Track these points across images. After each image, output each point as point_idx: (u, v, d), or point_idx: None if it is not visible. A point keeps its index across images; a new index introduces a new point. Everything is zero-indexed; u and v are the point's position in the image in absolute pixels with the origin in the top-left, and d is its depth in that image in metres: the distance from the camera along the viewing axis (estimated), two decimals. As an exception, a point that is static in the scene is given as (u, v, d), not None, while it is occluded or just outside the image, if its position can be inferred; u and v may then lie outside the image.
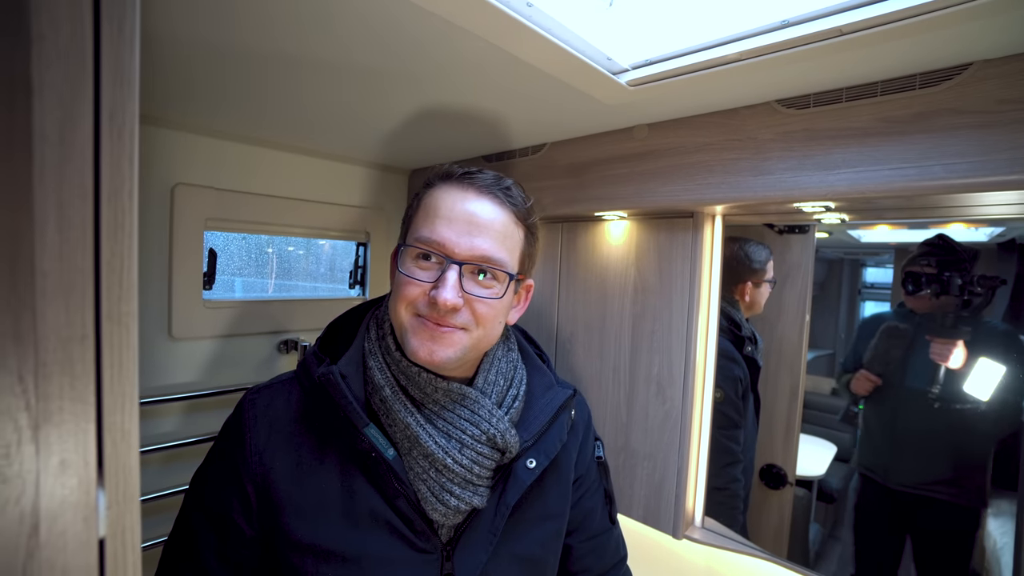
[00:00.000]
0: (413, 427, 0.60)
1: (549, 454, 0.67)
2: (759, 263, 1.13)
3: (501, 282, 0.63)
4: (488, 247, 0.61)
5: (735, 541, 0.97)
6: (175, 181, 1.02)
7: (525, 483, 0.64)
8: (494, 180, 0.65)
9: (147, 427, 1.03)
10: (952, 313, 0.95)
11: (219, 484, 0.63)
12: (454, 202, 0.62)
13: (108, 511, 0.28)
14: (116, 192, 0.27)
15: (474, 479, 0.61)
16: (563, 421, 0.70)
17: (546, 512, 0.71)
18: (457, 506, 0.60)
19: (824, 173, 0.72)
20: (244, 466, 0.61)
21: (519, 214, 0.65)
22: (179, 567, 0.63)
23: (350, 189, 1.32)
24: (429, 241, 0.61)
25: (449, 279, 0.59)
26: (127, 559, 0.29)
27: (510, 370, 0.70)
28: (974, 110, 0.61)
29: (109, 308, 0.27)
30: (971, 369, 0.92)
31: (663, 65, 0.65)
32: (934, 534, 1.02)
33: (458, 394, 0.63)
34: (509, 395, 0.68)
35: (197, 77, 0.77)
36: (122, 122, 0.26)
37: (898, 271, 1.07)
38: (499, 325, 0.66)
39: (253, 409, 0.65)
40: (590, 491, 0.79)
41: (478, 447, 0.61)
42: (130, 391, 0.29)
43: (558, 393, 0.71)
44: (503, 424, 0.63)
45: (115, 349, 0.28)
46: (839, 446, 1.18)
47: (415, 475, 0.61)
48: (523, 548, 0.68)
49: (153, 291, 1.02)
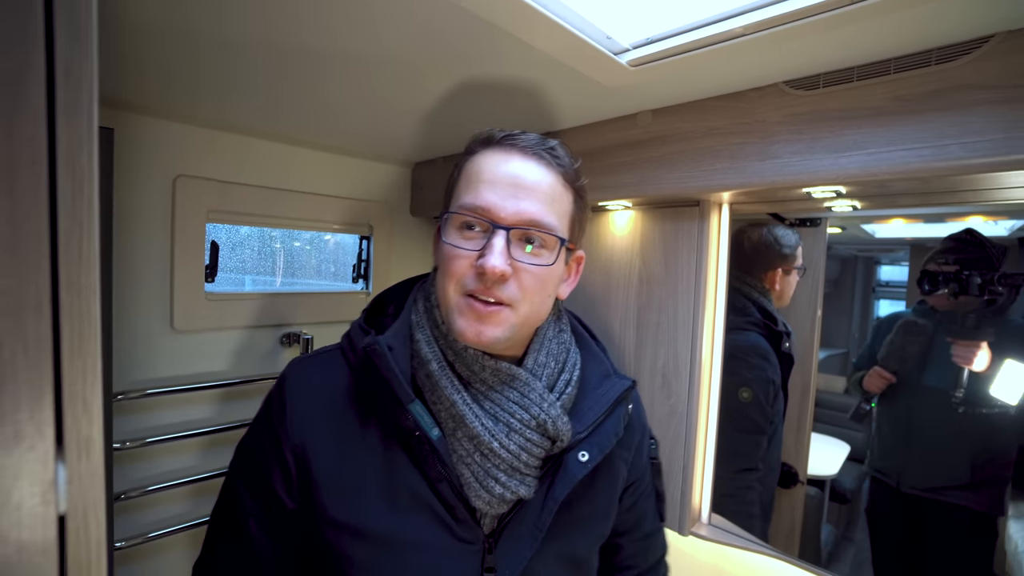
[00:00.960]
0: (459, 405, 0.57)
1: (604, 448, 0.62)
2: (789, 248, 1.07)
3: (551, 249, 0.59)
4: (536, 210, 0.57)
5: (742, 538, 0.94)
6: (177, 173, 1.02)
7: (576, 477, 0.60)
8: (538, 140, 0.61)
9: (149, 419, 1.03)
10: (975, 313, 0.91)
11: (261, 454, 0.61)
12: (497, 165, 0.59)
13: (69, 486, 0.27)
14: (74, 157, 0.26)
15: (521, 467, 0.58)
16: (620, 414, 0.65)
17: (594, 512, 0.67)
18: (502, 495, 0.57)
19: (834, 156, 0.69)
20: (285, 436, 0.59)
21: (567, 175, 0.61)
22: (223, 534, 0.62)
23: (353, 182, 1.32)
24: (473, 207, 0.57)
25: (496, 245, 0.55)
26: (90, 537, 0.28)
27: (562, 352, 0.65)
28: (996, 85, 0.57)
29: (68, 278, 0.26)
30: (997, 371, 0.87)
31: (665, 43, 0.63)
32: (949, 541, 0.98)
33: (507, 374, 0.59)
34: (561, 379, 0.63)
35: (199, 68, 0.77)
36: (79, 80, 0.25)
37: (914, 269, 1.03)
38: (549, 299, 0.62)
39: (297, 378, 0.62)
40: (644, 494, 0.76)
41: (527, 432, 0.58)
42: (92, 363, 0.28)
43: (616, 383, 0.66)
44: (555, 410, 0.59)
45: (75, 320, 0.27)
46: (852, 446, 1.14)
47: (459, 458, 0.57)
48: (570, 548, 0.64)
49: (155, 283, 1.02)
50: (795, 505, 1.09)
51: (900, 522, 1.04)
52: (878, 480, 1.08)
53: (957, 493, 0.96)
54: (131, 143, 0.97)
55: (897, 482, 1.04)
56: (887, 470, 1.07)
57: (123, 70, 0.79)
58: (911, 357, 1.04)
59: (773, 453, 1.08)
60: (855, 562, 1.14)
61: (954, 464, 0.96)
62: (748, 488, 1.05)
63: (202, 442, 1.10)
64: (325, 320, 1.29)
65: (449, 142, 1.17)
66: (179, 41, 0.67)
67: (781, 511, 1.09)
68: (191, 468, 1.08)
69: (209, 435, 1.09)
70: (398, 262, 1.44)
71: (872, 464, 1.10)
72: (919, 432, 1.02)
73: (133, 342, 1.00)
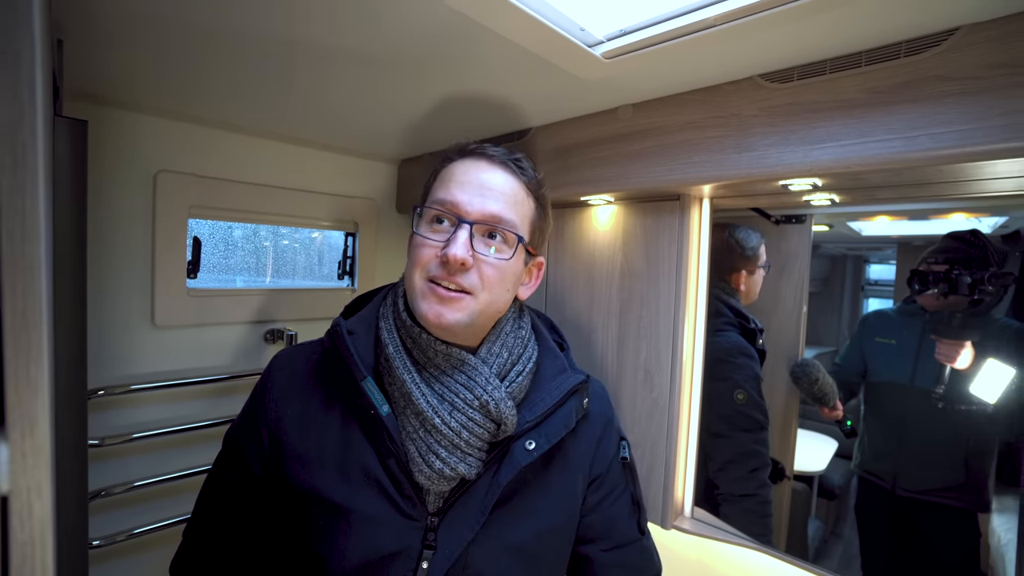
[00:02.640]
0: (408, 384, 0.62)
1: (551, 438, 0.65)
2: (751, 249, 1.10)
3: (510, 245, 0.66)
4: (498, 209, 0.64)
5: (726, 531, 0.94)
6: (158, 168, 1.02)
7: (520, 463, 0.63)
8: (505, 153, 0.69)
9: (130, 415, 1.02)
10: (960, 312, 0.91)
11: (243, 426, 0.70)
12: (467, 170, 0.66)
13: (11, 464, 0.27)
14: (13, 124, 0.25)
15: (462, 444, 0.61)
16: (571, 407, 0.68)
17: (547, 504, 0.68)
18: (441, 470, 0.60)
19: (808, 148, 0.69)
20: (263, 412, 0.67)
21: (529, 184, 0.69)
22: (207, 490, 0.72)
23: (338, 179, 1.32)
24: (443, 202, 0.64)
25: (460, 237, 0.61)
26: (33, 516, 0.28)
27: (518, 346, 0.69)
28: (962, 76, 0.58)
29: (11, 251, 0.26)
30: (978, 370, 0.88)
31: (638, 35, 0.63)
32: (939, 540, 0.98)
33: (458, 359, 0.64)
34: (514, 370, 0.68)
35: (181, 61, 0.76)
36: (18, 49, 0.25)
37: (901, 267, 1.04)
38: (507, 293, 0.67)
39: (279, 363, 0.71)
40: (612, 495, 0.74)
41: (469, 412, 0.62)
42: (37, 339, 0.27)
43: (569, 377, 0.69)
44: (498, 393, 0.63)
45: (18, 294, 0.26)
46: (839, 442, 1.15)
47: (407, 434, 0.62)
48: (516, 537, 0.65)
49: (135, 278, 1.02)
50: (782, 500, 1.10)
51: (892, 522, 1.04)
52: (868, 481, 1.08)
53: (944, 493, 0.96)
54: (110, 138, 0.96)
55: (892, 485, 1.03)
56: (880, 472, 1.06)
57: (100, 63, 0.78)
58: (882, 353, 1.05)
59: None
60: (844, 558, 1.14)
61: (939, 463, 0.96)
62: (763, 485, 1.06)
63: (184, 439, 1.09)
64: (310, 316, 1.28)
65: (434, 139, 1.17)
66: (159, 32, 0.67)
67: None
68: (171, 465, 1.07)
69: (191, 432, 1.08)
70: (383, 259, 1.44)
71: (862, 465, 1.09)
72: (905, 430, 1.02)
73: (112, 338, 1.00)
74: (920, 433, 1.00)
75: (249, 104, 0.96)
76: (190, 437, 1.09)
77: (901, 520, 1.02)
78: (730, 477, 1.06)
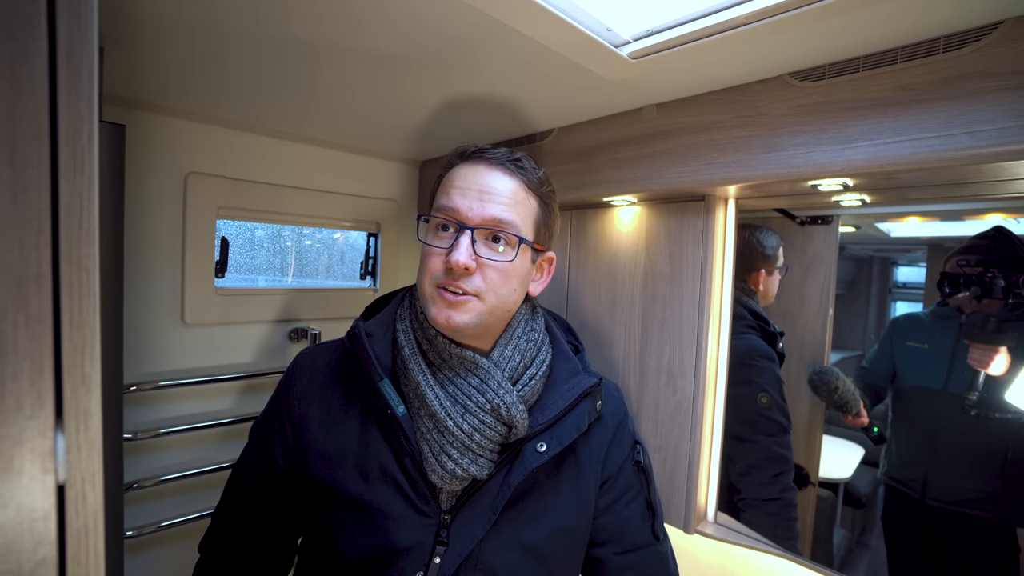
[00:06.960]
0: (422, 385, 0.63)
1: (563, 441, 0.66)
2: (771, 249, 1.08)
3: (513, 247, 0.67)
4: (498, 212, 0.65)
5: (749, 537, 0.93)
6: (188, 170, 1.04)
7: (531, 465, 0.64)
8: (504, 154, 0.69)
9: (160, 410, 1.05)
10: (995, 315, 0.88)
11: (268, 421, 0.72)
12: (467, 175, 0.67)
13: (68, 456, 0.28)
14: (75, 133, 0.26)
15: (473, 446, 0.63)
16: (584, 409, 0.68)
17: (558, 505, 0.69)
18: (453, 470, 0.62)
19: (840, 147, 0.68)
20: (287, 409, 0.70)
21: (530, 183, 0.69)
22: (234, 479, 0.75)
23: (361, 180, 1.33)
24: (445, 209, 0.66)
25: (462, 243, 0.63)
26: (87, 506, 0.29)
27: (530, 348, 0.70)
28: (1005, 72, 0.56)
29: (69, 250, 0.27)
30: (1015, 376, 0.84)
31: (665, 35, 0.63)
32: (974, 554, 0.94)
33: (471, 362, 0.66)
34: (527, 373, 0.69)
35: (210, 65, 0.78)
36: (80, 62, 0.26)
37: (931, 269, 1.00)
38: (514, 293, 0.68)
39: (302, 362, 0.73)
40: (625, 498, 0.74)
41: (481, 415, 0.63)
42: (91, 336, 0.28)
43: (582, 380, 0.70)
44: (510, 396, 0.64)
45: (75, 292, 0.28)
46: (867, 449, 1.12)
47: (421, 435, 0.64)
48: (527, 536, 0.66)
49: (167, 277, 1.05)
50: (806, 507, 1.07)
51: (921, 534, 1.00)
52: (896, 490, 1.05)
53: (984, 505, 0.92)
54: (144, 141, 0.99)
55: (922, 494, 1.00)
56: (909, 481, 1.02)
57: (136, 69, 0.81)
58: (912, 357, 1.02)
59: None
60: (870, 568, 1.11)
61: (979, 474, 0.92)
62: (788, 488, 1.04)
63: (212, 434, 1.11)
64: (333, 316, 1.30)
65: (456, 140, 1.17)
66: (191, 38, 0.69)
67: (791, 512, 1.07)
68: (201, 460, 1.10)
69: (219, 427, 1.11)
70: (405, 259, 1.45)
71: (889, 473, 1.06)
72: (936, 438, 0.99)
73: (144, 335, 1.03)
74: (952, 441, 0.96)
75: (275, 106, 0.98)
76: (217, 433, 1.12)
77: (931, 531, 0.98)
78: (754, 481, 1.04)
